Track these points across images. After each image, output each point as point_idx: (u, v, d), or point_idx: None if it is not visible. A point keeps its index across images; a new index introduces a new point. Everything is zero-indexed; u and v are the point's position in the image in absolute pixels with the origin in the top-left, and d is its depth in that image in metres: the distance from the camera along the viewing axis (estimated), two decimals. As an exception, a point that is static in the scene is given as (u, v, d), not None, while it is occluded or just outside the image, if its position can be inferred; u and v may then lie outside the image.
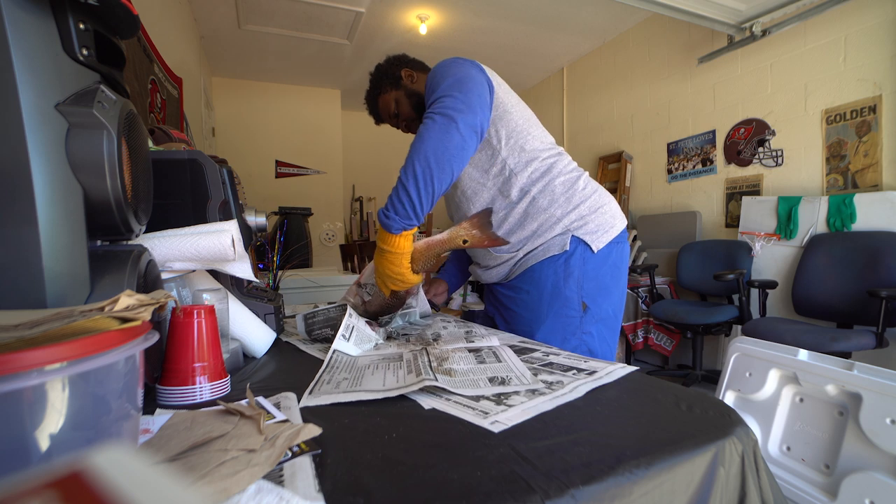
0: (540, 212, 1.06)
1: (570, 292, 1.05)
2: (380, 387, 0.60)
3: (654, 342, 3.18)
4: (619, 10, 3.45)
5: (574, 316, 1.05)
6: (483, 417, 0.50)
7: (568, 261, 1.05)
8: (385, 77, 1.22)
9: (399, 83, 1.20)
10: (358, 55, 4.32)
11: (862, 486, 1.22)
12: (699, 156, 3.36)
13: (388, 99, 1.22)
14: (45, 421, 0.27)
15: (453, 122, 0.87)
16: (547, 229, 1.06)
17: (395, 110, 1.21)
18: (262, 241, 1.49)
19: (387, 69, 1.22)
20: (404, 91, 1.21)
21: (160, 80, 2.33)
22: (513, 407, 0.53)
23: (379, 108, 1.25)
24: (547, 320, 1.05)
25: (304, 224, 4.43)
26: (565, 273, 1.05)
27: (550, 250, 1.06)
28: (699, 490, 0.42)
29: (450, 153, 0.87)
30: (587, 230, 1.06)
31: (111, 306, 0.34)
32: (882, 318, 2.03)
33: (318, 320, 0.95)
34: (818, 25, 2.65)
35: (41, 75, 0.41)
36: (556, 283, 1.05)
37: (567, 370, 0.68)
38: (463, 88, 0.92)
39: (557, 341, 1.04)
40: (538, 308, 1.06)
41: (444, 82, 0.95)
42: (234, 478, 0.34)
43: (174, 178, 0.78)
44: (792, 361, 1.50)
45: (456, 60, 1.04)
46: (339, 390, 0.60)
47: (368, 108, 1.29)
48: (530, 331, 1.07)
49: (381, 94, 1.23)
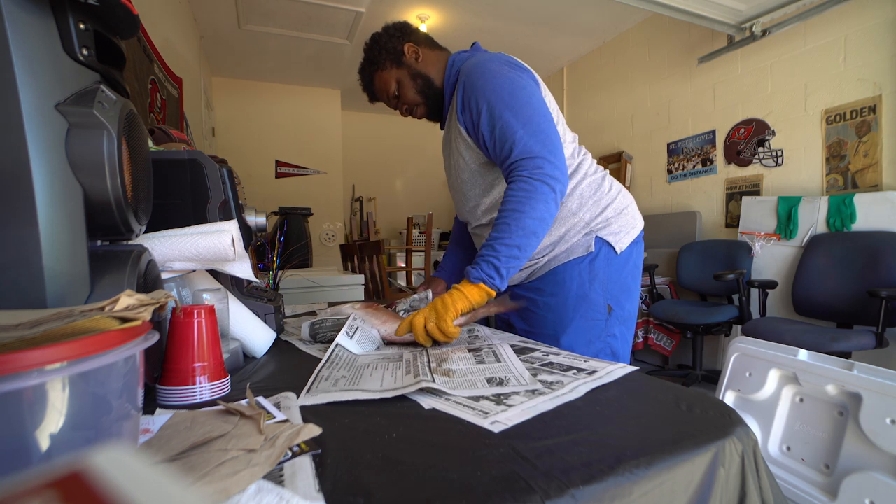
0: (569, 216, 1.03)
1: (596, 295, 1.02)
2: (377, 387, 0.60)
3: (654, 342, 3.18)
4: (619, 10, 3.45)
5: (600, 319, 1.03)
6: (483, 417, 0.50)
7: (593, 263, 1.02)
8: (384, 51, 1.07)
9: (401, 60, 1.06)
10: (358, 55, 4.27)
11: (862, 486, 1.22)
12: (699, 156, 3.36)
13: (388, 78, 1.07)
14: (46, 421, 0.27)
15: (553, 193, 0.88)
16: (575, 234, 1.03)
17: (395, 92, 1.08)
18: (262, 241, 1.49)
19: (386, 42, 1.06)
20: (408, 71, 1.07)
21: (160, 80, 2.33)
22: (512, 407, 0.53)
23: (375, 86, 1.10)
24: (573, 323, 1.02)
25: (304, 224, 4.43)
26: (590, 275, 1.02)
27: (575, 252, 1.03)
28: (699, 490, 0.42)
29: (547, 224, 0.89)
30: (610, 231, 1.04)
31: (111, 306, 0.34)
32: (882, 318, 2.03)
33: (325, 326, 0.93)
34: (818, 25, 2.65)
35: (41, 75, 0.41)
36: (581, 286, 1.02)
37: (567, 370, 0.68)
38: (550, 145, 0.90)
39: (582, 344, 1.02)
40: (563, 311, 1.03)
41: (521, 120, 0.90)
42: (234, 478, 0.34)
43: (174, 178, 0.78)
44: (792, 361, 1.50)
45: (514, 74, 0.95)
46: (336, 388, 0.60)
47: (362, 83, 1.13)
48: (555, 334, 1.03)
49: (378, 70, 1.08)
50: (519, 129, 0.90)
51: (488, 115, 0.93)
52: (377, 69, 1.08)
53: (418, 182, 6.12)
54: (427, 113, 1.12)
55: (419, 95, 1.07)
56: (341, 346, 0.79)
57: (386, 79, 1.08)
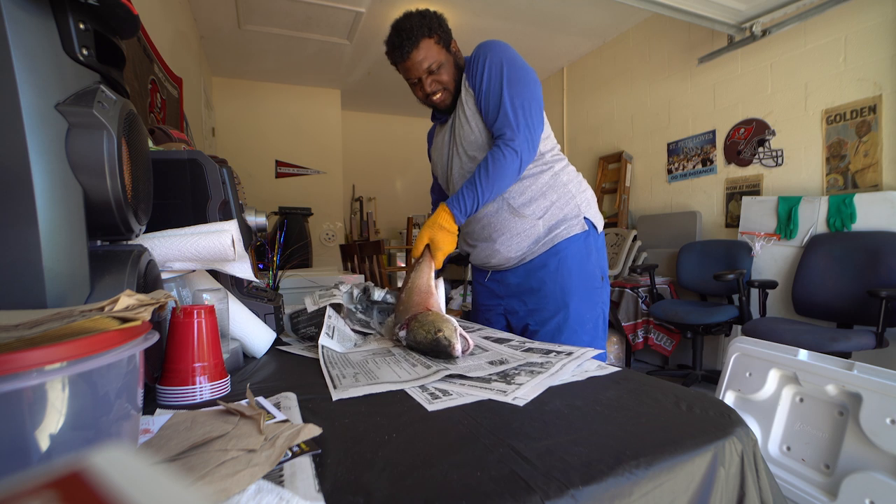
0: (560, 185, 1.19)
1: (593, 266, 1.20)
2: (396, 378, 0.64)
3: (654, 342, 3.18)
4: (619, 10, 3.45)
5: (597, 287, 1.21)
6: (504, 395, 0.56)
7: (587, 239, 1.20)
8: (441, 30, 1.13)
9: (449, 48, 1.16)
10: (358, 55, 4.32)
11: (862, 486, 1.22)
12: (699, 156, 3.36)
13: (435, 53, 1.12)
14: (45, 421, 0.27)
15: (520, 160, 1.09)
16: (564, 203, 1.19)
17: (435, 67, 1.13)
18: (262, 241, 1.49)
19: (442, 24, 1.14)
20: (453, 59, 1.16)
21: (160, 80, 2.33)
22: (522, 385, 0.59)
23: (417, 51, 1.11)
24: (577, 291, 1.18)
25: (304, 224, 4.43)
26: (586, 250, 1.20)
27: (573, 229, 1.19)
28: (699, 490, 0.42)
29: (511, 181, 1.11)
30: (591, 213, 1.22)
31: (111, 306, 0.34)
32: (882, 318, 2.03)
33: (301, 319, 0.99)
34: (818, 25, 2.65)
35: (41, 75, 0.41)
36: (581, 260, 1.19)
37: (547, 353, 0.76)
38: (534, 126, 1.10)
39: (587, 308, 1.19)
40: (568, 279, 1.17)
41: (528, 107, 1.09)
42: (234, 478, 0.34)
43: (174, 178, 0.78)
44: (792, 361, 1.50)
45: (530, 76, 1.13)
46: (360, 384, 0.62)
47: (396, 38, 1.12)
48: (564, 302, 1.17)
49: (428, 38, 1.11)
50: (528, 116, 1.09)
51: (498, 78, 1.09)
52: (428, 37, 1.11)
53: (418, 182, 6.12)
54: (447, 100, 1.19)
55: (452, 83, 1.16)
56: (327, 347, 0.82)
57: (434, 52, 1.12)
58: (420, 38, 1.10)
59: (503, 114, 1.09)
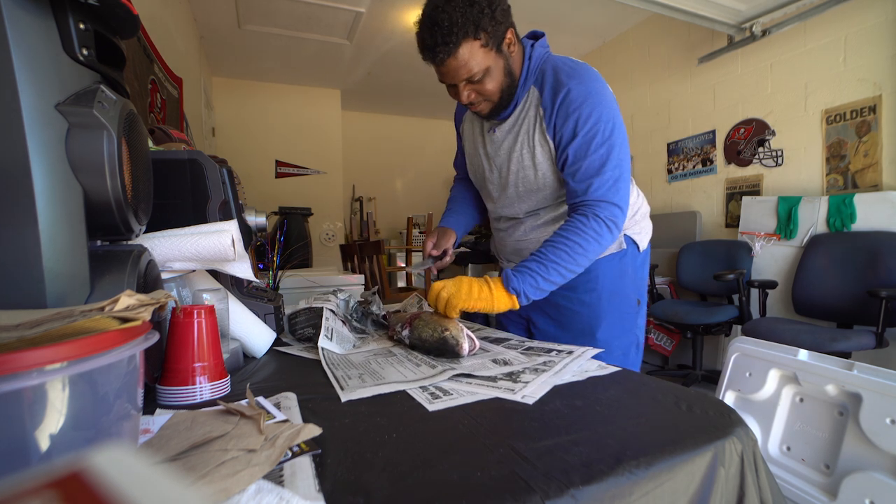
0: None
1: (628, 290, 1.09)
2: (402, 378, 0.64)
3: (655, 342, 3.18)
4: (619, 10, 3.45)
5: (630, 312, 1.10)
6: (512, 393, 0.56)
7: (623, 259, 1.08)
8: (492, 23, 0.85)
9: (501, 46, 0.88)
10: (358, 55, 4.31)
11: (862, 486, 1.22)
12: (699, 156, 3.36)
13: (480, 57, 0.86)
14: (45, 421, 0.27)
15: (612, 238, 0.93)
16: None
17: (477, 76, 0.88)
18: (262, 241, 1.49)
19: (493, 17, 0.85)
20: (504, 63, 0.90)
21: (160, 80, 2.33)
22: (529, 384, 0.60)
23: (455, 55, 0.85)
24: (607, 317, 1.06)
25: (304, 224, 4.43)
26: (621, 271, 1.08)
27: (608, 248, 1.05)
28: (699, 490, 0.42)
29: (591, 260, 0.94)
30: (635, 231, 1.10)
31: (111, 306, 0.34)
32: (882, 318, 2.03)
33: (299, 320, 0.99)
34: (818, 25, 2.65)
35: (41, 75, 0.41)
36: (613, 282, 1.07)
37: (548, 352, 0.77)
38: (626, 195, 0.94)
39: (616, 337, 1.07)
40: (597, 306, 1.06)
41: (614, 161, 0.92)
42: (234, 478, 0.34)
43: (174, 178, 0.78)
44: (792, 361, 1.50)
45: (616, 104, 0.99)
46: (367, 384, 0.62)
47: (429, 35, 0.85)
48: (590, 329, 1.06)
49: (471, 39, 0.84)
50: (610, 170, 0.91)
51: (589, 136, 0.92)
52: (473, 38, 0.84)
53: (418, 182, 6.12)
54: (490, 110, 0.97)
55: (499, 93, 0.93)
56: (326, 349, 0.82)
57: (478, 58, 0.86)
58: (461, 39, 0.83)
59: (603, 185, 0.90)
